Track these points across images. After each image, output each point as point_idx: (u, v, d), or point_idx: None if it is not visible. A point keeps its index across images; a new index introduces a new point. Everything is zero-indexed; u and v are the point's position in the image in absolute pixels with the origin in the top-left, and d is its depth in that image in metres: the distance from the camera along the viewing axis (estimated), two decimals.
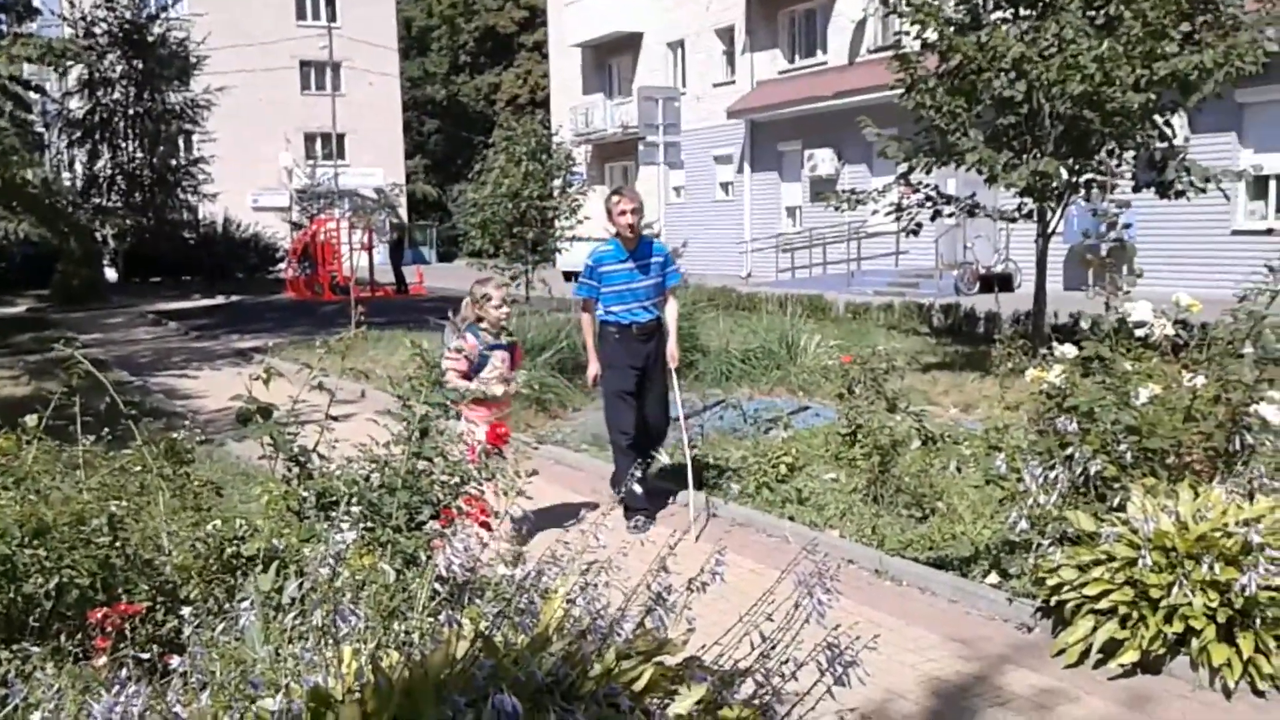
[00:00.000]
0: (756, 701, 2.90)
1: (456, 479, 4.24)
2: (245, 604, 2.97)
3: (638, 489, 6.11)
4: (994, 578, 5.14)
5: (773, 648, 2.91)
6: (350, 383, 10.50)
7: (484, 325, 6.26)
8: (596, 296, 6.74)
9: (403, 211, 38.27)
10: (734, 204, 32.02)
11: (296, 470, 4.19)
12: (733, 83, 31.62)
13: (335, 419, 4.59)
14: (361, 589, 3.27)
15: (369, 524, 3.80)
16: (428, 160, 58.98)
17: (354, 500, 3.79)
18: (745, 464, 7.38)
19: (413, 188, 49.67)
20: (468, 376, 6.08)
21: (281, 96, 46.35)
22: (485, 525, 4.00)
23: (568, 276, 25.27)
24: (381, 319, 16.32)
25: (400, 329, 15.23)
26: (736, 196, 31.90)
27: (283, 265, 32.50)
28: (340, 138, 47.52)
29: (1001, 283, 21.63)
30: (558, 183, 17.72)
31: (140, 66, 32.58)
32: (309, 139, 48.08)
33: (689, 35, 33.49)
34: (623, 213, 6.54)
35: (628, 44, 36.04)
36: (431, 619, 3.15)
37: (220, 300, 27.26)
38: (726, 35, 32.07)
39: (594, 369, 6.82)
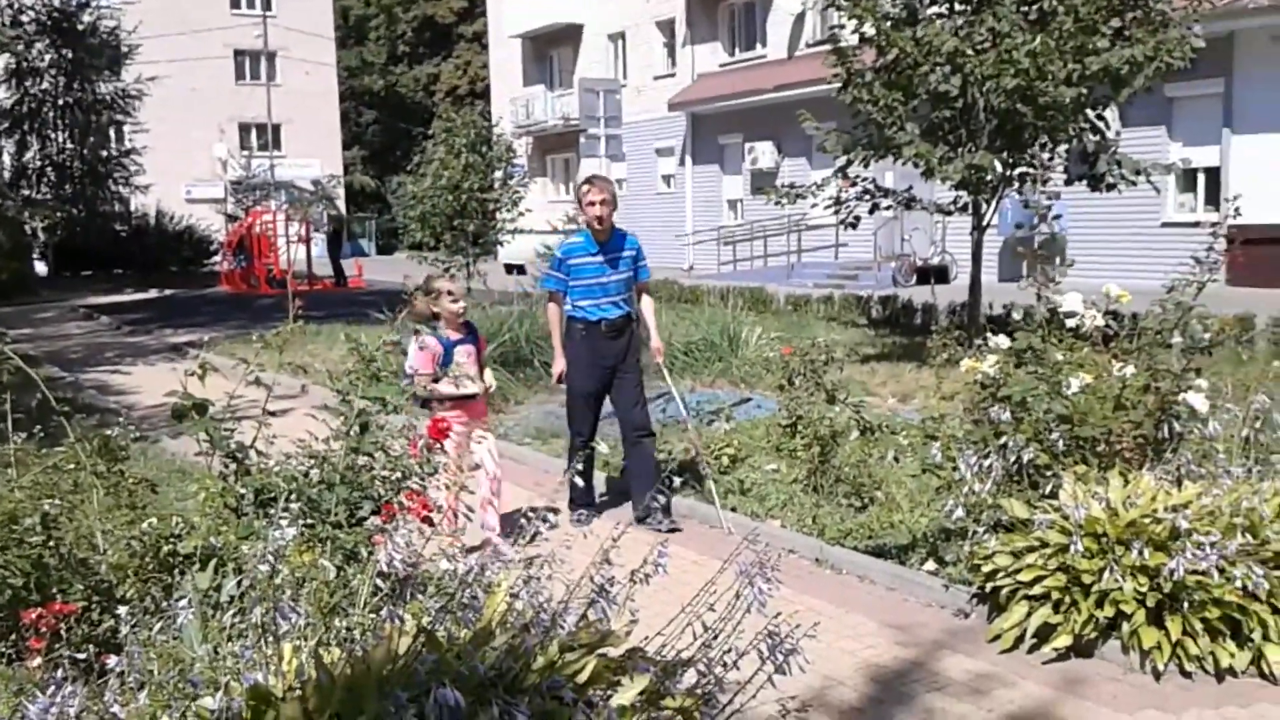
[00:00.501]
0: (699, 691, 2.92)
1: (398, 474, 4.22)
2: (182, 602, 2.94)
3: (579, 481, 6.11)
4: (931, 565, 5.22)
5: (714, 637, 2.94)
6: (289, 378, 10.38)
7: (442, 322, 6.11)
8: (564, 290, 6.52)
9: (341, 203, 37.79)
10: (676, 196, 32.09)
11: (234, 467, 4.14)
12: (674, 75, 31.65)
13: (273, 414, 4.54)
14: (301, 586, 3.25)
15: (308, 520, 3.77)
16: (366, 151, 58.35)
17: (292, 497, 3.75)
18: (688, 456, 7.41)
19: (350, 179, 49.14)
20: (436, 377, 5.90)
21: (215, 86, 45.55)
22: (427, 520, 3.98)
23: (509, 269, 25.18)
24: (320, 312, 16.15)
25: (339, 322, 15.07)
26: (678, 189, 31.97)
27: (217, 258, 32.02)
28: (276, 128, 46.82)
29: (937, 275, 21.91)
30: (498, 175, 17.64)
31: (70, 55, 31.78)
32: (244, 129, 47.33)
33: (629, 27, 33.46)
34: (591, 203, 6.34)
35: (568, 35, 35.92)
36: (374, 615, 3.14)
37: (153, 294, 26.81)
38: (667, 27, 32.09)
39: (560, 366, 6.61)
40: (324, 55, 48.95)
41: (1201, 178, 19.22)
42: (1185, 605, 4.16)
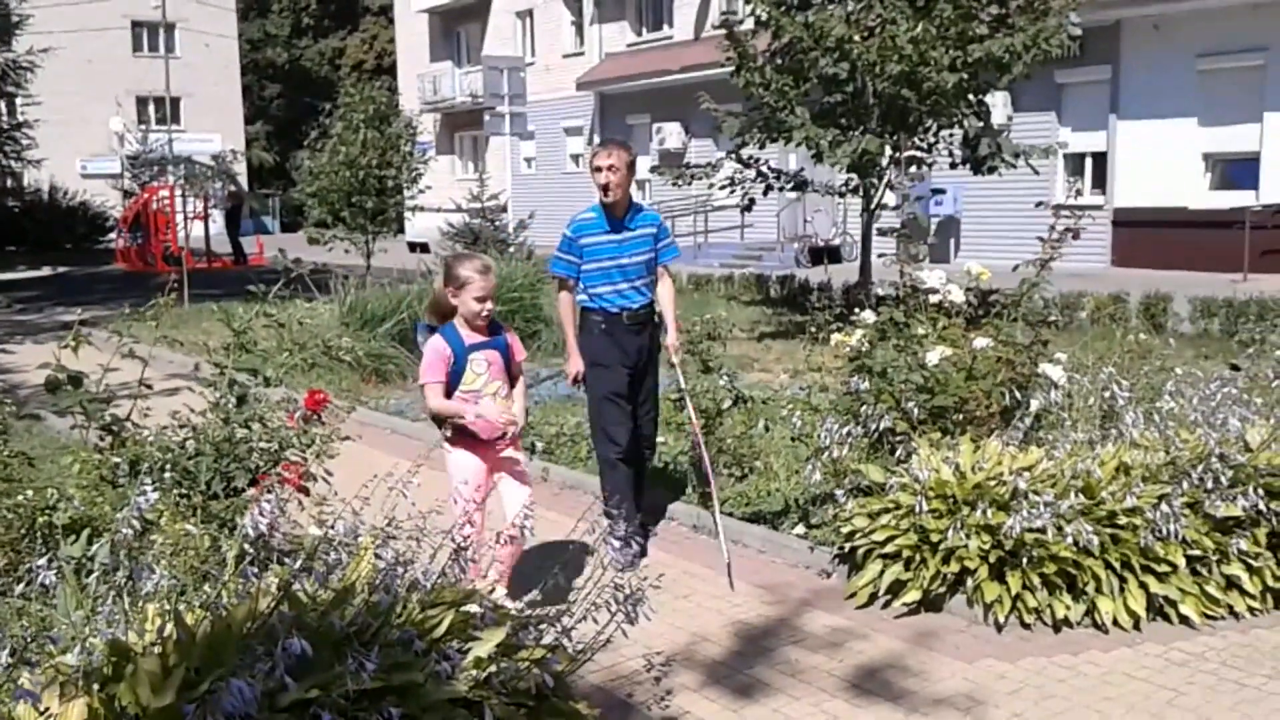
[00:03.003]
0: (551, 641, 3.10)
1: (275, 445, 4.32)
2: (41, 562, 3.02)
3: (622, 502, 5.05)
4: (800, 529, 5.47)
5: (567, 592, 3.12)
6: (183, 355, 10.31)
7: (458, 319, 4.53)
8: (576, 276, 5.50)
9: (243, 179, 37.08)
10: (584, 176, 31.72)
11: (110, 439, 4.20)
12: (582, 54, 31.65)
13: (151, 389, 4.61)
14: (175, 554, 3.35)
15: (182, 490, 3.85)
16: (270, 126, 57.19)
17: (166, 466, 3.83)
18: (579, 429, 7.58)
19: (250, 154, 48.17)
20: (449, 390, 4.50)
21: (112, 58, 44.31)
22: (302, 490, 4.09)
23: (413, 248, 25.03)
24: (218, 290, 15.93)
25: (237, 300, 14.91)
26: (587, 168, 31.97)
27: (113, 235, 31.26)
28: (175, 101, 45.55)
29: (831, 255, 22.41)
30: (405, 150, 17.52)
31: None
32: (141, 102, 46.09)
33: (538, 4, 33.33)
34: (597, 169, 5.48)
35: (476, 11, 35.64)
36: (242, 579, 3.25)
37: (46, 271, 26.12)
38: (575, 5, 32.05)
39: (575, 365, 5.49)
40: (225, 27, 47.85)
41: (1089, 162, 19.92)
42: (1025, 561, 4.45)
